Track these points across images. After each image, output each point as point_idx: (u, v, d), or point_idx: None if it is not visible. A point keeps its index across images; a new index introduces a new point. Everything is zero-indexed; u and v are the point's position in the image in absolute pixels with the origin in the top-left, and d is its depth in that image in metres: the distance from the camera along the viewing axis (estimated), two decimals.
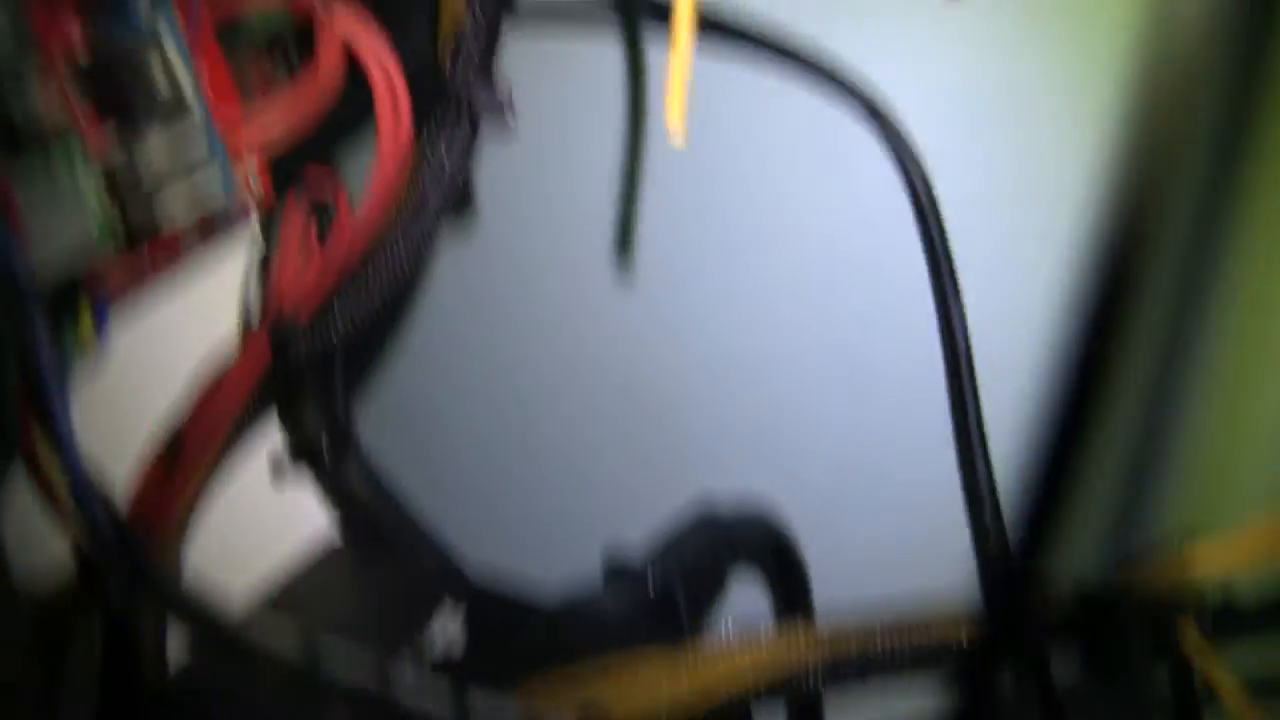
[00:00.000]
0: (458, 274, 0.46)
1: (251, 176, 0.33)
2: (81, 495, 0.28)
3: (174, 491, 0.32)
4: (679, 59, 0.29)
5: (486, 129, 0.34)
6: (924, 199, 0.38)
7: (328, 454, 0.37)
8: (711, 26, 0.40)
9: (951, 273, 0.38)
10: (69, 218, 0.29)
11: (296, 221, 0.34)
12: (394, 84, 0.34)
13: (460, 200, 0.41)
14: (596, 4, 0.42)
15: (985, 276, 0.40)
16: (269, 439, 0.38)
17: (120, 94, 0.31)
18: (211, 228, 0.33)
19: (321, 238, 0.35)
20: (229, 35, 0.34)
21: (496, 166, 0.44)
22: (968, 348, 0.39)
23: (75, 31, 0.31)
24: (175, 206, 0.31)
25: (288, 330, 0.33)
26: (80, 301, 0.31)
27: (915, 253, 0.39)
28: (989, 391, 0.40)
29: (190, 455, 0.32)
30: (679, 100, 0.29)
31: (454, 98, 0.34)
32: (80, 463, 0.27)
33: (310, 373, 0.36)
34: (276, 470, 0.38)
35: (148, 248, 0.31)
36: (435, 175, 0.34)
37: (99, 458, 0.29)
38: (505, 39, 0.35)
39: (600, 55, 0.42)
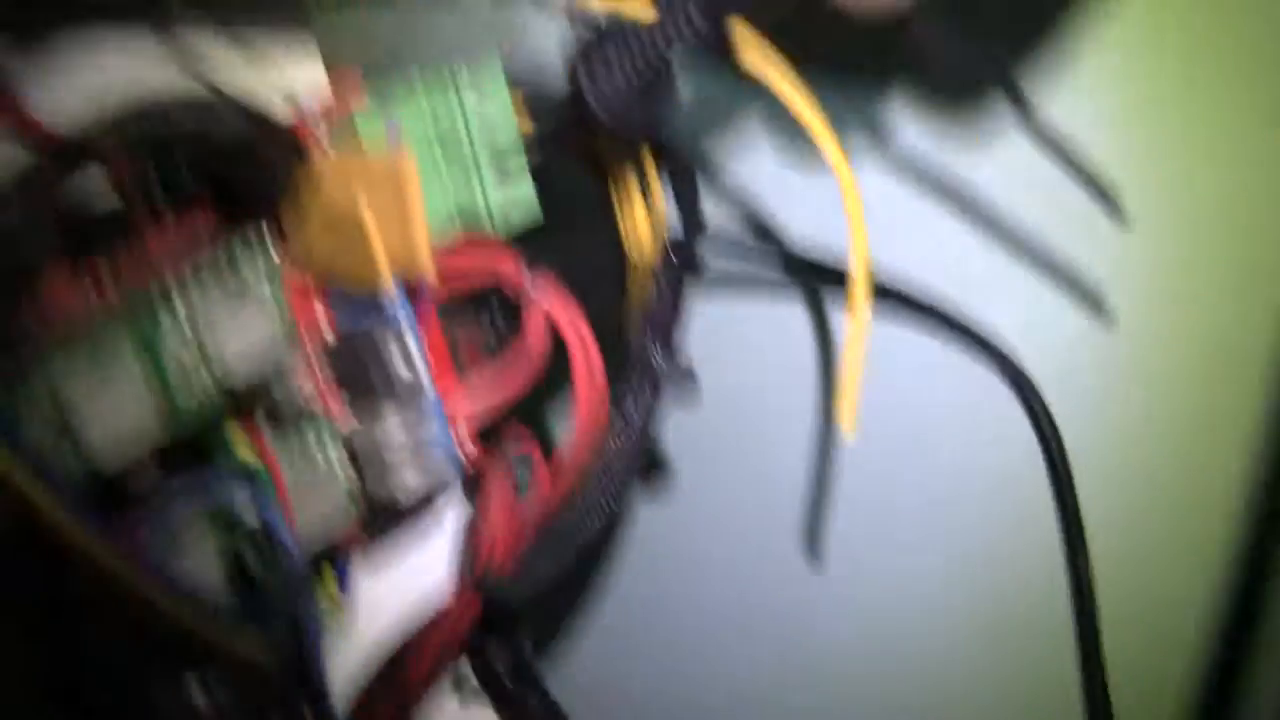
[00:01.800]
0: (650, 538, 0.50)
1: (465, 441, 0.38)
2: None
3: None
4: (852, 363, 0.32)
5: (672, 397, 0.38)
6: (1061, 471, 0.41)
7: (510, 684, 0.40)
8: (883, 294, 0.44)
9: (1082, 539, 0.41)
10: (325, 490, 0.34)
11: (499, 480, 0.38)
12: (589, 354, 0.38)
13: (650, 465, 0.44)
14: (778, 277, 0.46)
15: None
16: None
17: (362, 373, 0.35)
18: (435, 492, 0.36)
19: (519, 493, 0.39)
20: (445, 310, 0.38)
21: (688, 436, 0.47)
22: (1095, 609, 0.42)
23: (324, 315, 0.36)
24: (407, 476, 0.35)
25: (494, 583, 0.37)
26: (324, 564, 0.35)
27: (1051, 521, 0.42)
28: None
29: (413, 699, 0.35)
30: (852, 401, 0.32)
31: (639, 365, 0.38)
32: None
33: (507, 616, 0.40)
34: (457, 688, 0.41)
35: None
36: (623, 437, 0.38)
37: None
38: (689, 310, 0.39)
39: (787, 324, 0.46)
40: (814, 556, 0.48)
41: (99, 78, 0.35)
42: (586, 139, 0.33)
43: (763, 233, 0.46)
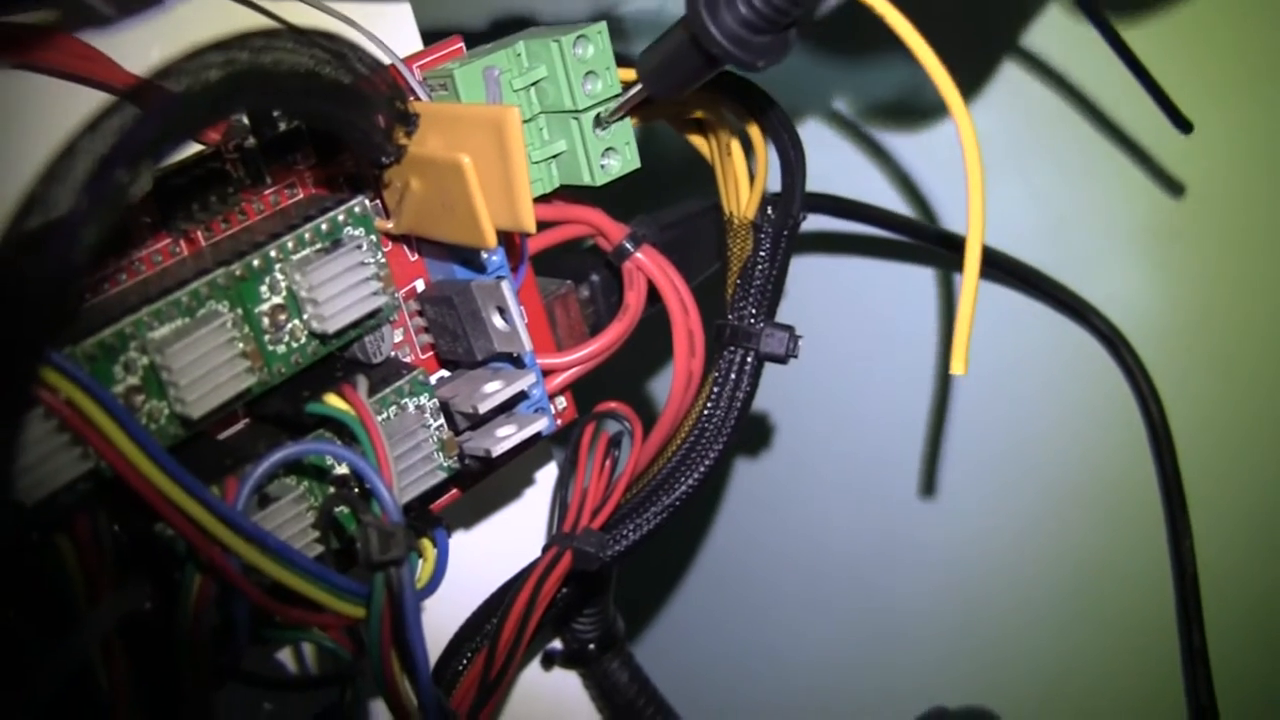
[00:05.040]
0: (745, 498, 0.49)
1: (558, 395, 0.37)
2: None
3: (488, 687, 0.35)
4: (966, 307, 0.30)
5: (770, 354, 0.37)
6: (1159, 427, 0.40)
7: (596, 650, 0.40)
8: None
9: (1183, 499, 0.40)
10: (417, 441, 0.33)
11: (592, 436, 0.37)
12: (688, 312, 0.37)
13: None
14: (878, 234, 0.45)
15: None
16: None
17: (457, 325, 0.34)
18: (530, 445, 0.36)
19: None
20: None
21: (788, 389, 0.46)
22: (1195, 572, 0.41)
23: (419, 265, 0.35)
24: (500, 428, 0.35)
25: (583, 539, 0.36)
26: (416, 517, 0.34)
27: (1150, 479, 0.41)
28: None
29: (502, 654, 0.35)
30: (964, 342, 0.30)
31: (737, 324, 0.37)
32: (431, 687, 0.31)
33: (593, 577, 0.39)
34: (547, 663, 0.40)
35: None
36: (720, 397, 0.37)
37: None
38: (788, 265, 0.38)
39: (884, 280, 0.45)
40: (921, 495, 0.47)
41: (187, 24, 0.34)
42: (691, 80, 0.32)
43: (862, 190, 0.45)
